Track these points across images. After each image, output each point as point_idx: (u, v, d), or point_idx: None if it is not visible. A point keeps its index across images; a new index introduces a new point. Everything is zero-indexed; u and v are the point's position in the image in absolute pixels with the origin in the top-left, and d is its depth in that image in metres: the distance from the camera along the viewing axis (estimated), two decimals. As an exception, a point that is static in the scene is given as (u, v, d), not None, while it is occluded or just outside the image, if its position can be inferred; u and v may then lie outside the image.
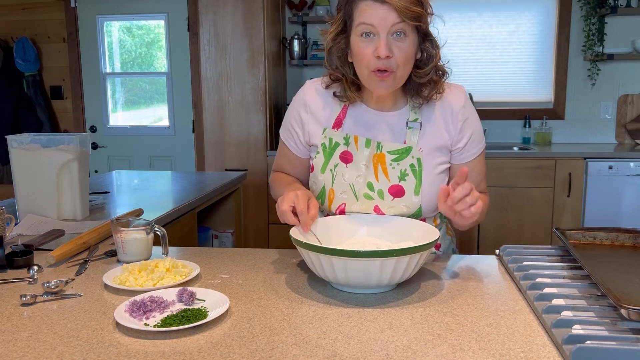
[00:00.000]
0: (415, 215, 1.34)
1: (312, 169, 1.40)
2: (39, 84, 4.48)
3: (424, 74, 1.28)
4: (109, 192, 2.27)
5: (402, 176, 1.32)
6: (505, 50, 4.11)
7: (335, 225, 1.29)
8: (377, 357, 0.84)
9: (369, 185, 1.33)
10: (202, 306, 1.01)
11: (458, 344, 0.88)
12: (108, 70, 4.50)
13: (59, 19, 4.43)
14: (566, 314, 0.93)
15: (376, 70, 1.22)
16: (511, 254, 1.29)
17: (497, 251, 1.34)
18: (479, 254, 1.55)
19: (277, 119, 3.97)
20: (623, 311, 0.87)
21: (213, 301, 1.03)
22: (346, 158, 1.35)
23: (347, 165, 1.34)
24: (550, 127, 4.03)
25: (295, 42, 4.08)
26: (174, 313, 0.98)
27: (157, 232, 1.35)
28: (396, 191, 1.32)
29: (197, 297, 1.05)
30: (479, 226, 3.60)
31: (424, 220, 1.37)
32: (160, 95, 4.49)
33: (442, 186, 1.16)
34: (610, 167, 3.51)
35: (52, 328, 0.95)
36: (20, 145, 1.73)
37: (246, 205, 3.74)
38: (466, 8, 4.09)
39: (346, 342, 0.89)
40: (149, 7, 4.33)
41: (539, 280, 1.09)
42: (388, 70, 1.22)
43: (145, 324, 0.94)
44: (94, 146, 4.47)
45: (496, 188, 3.54)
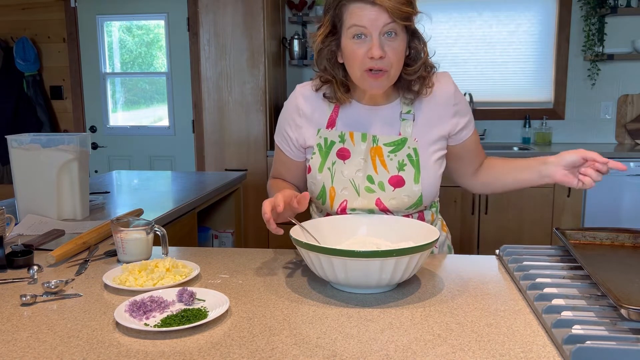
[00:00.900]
0: (416, 205, 1.35)
1: (309, 170, 1.40)
2: (39, 84, 4.48)
3: (413, 72, 1.30)
4: (109, 192, 2.27)
5: (401, 166, 1.33)
6: (505, 50, 4.10)
7: (335, 225, 1.30)
8: (377, 357, 0.84)
9: (369, 179, 1.34)
10: (202, 306, 1.01)
11: (458, 344, 0.88)
12: (108, 70, 4.50)
13: (59, 19, 4.43)
14: (566, 314, 0.93)
15: (369, 69, 1.23)
16: (511, 254, 1.29)
17: (497, 251, 1.34)
18: (479, 254, 1.55)
19: (277, 119, 3.96)
20: (623, 311, 0.87)
21: (213, 301, 1.03)
22: (343, 155, 1.35)
23: (345, 161, 1.35)
24: (550, 127, 4.02)
25: (295, 42, 4.08)
26: (174, 313, 0.98)
27: (157, 232, 1.35)
28: (396, 181, 1.33)
29: (197, 297, 1.05)
30: (479, 226, 3.60)
31: (423, 212, 1.40)
32: (160, 95, 4.49)
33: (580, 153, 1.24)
34: (610, 167, 3.51)
35: (52, 328, 0.95)
36: (20, 145, 1.73)
37: (246, 205, 3.74)
38: (466, 8, 4.09)
39: (346, 342, 0.89)
40: (149, 7, 4.33)
41: (539, 280, 1.09)
42: (382, 70, 1.23)
43: (145, 324, 0.94)
44: (94, 146, 4.47)
45: (496, 188, 3.53)
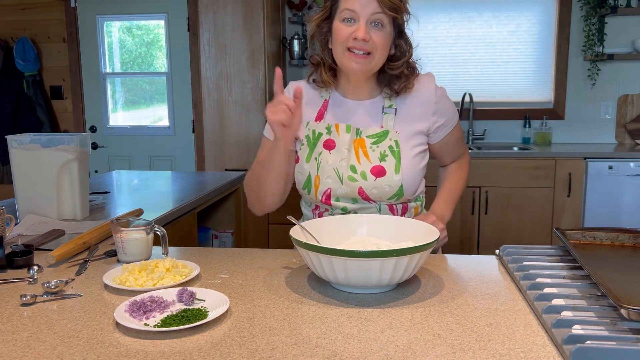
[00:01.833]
0: (397, 196, 1.41)
1: (297, 160, 1.47)
2: (39, 84, 4.48)
3: (395, 67, 1.39)
4: (109, 192, 2.27)
5: (382, 157, 1.40)
6: (505, 50, 4.11)
7: (335, 225, 1.29)
8: (377, 357, 0.84)
9: (352, 168, 1.40)
10: (202, 306, 1.01)
11: (458, 344, 0.88)
12: (108, 70, 4.50)
13: (59, 19, 4.42)
14: (566, 314, 0.93)
15: (349, 49, 1.33)
16: (511, 254, 1.29)
17: (497, 251, 1.34)
18: (479, 254, 1.55)
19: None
20: (623, 311, 0.87)
21: (213, 301, 1.03)
22: (329, 145, 1.43)
23: (331, 151, 1.42)
24: (550, 127, 4.02)
25: (295, 42, 4.08)
26: (174, 313, 0.98)
27: (157, 232, 1.35)
28: (378, 171, 1.40)
29: (197, 297, 1.05)
30: (479, 226, 3.60)
31: (407, 203, 1.47)
32: (160, 95, 4.49)
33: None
34: (610, 167, 3.51)
35: (52, 328, 0.95)
36: (20, 145, 1.73)
37: (246, 205, 3.73)
38: (466, 8, 4.09)
39: (346, 342, 0.89)
40: (149, 7, 4.33)
41: (539, 280, 1.09)
42: (367, 52, 1.33)
43: (145, 324, 0.94)
44: (94, 146, 4.47)
45: (496, 188, 3.54)
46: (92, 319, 0.99)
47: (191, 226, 2.17)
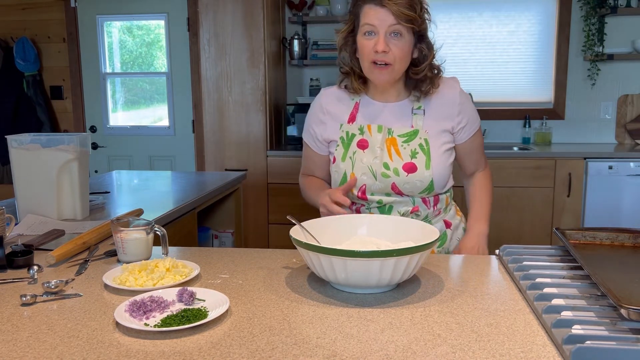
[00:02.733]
0: (428, 190, 1.50)
1: (334, 160, 1.56)
2: (39, 84, 4.47)
3: (419, 71, 1.48)
4: (109, 192, 2.27)
5: (413, 154, 1.49)
6: (505, 50, 4.10)
7: (335, 225, 1.30)
8: (377, 357, 0.84)
9: (385, 165, 1.49)
10: (202, 306, 1.01)
11: (458, 344, 0.88)
12: (108, 70, 4.50)
13: (59, 19, 4.42)
14: (566, 314, 0.93)
15: (373, 62, 1.43)
16: (511, 254, 1.29)
17: (497, 251, 1.34)
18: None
19: (277, 119, 3.96)
20: (623, 311, 0.87)
21: (213, 301, 1.03)
22: (363, 145, 1.52)
23: (364, 150, 1.52)
24: (550, 127, 4.02)
25: (295, 42, 4.08)
26: (174, 313, 0.98)
27: (157, 232, 1.35)
28: (409, 167, 1.49)
29: (197, 297, 1.05)
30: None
31: (438, 195, 1.54)
32: (160, 95, 4.49)
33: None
34: (610, 167, 3.51)
35: (52, 328, 0.95)
36: (20, 145, 1.73)
37: (246, 205, 3.74)
38: (466, 8, 4.09)
39: (346, 342, 0.89)
40: (149, 7, 4.33)
41: (538, 280, 1.09)
42: (386, 63, 1.42)
43: (145, 324, 0.94)
44: (94, 146, 4.47)
45: (496, 188, 3.51)
46: (92, 319, 0.99)
47: (191, 226, 2.17)
